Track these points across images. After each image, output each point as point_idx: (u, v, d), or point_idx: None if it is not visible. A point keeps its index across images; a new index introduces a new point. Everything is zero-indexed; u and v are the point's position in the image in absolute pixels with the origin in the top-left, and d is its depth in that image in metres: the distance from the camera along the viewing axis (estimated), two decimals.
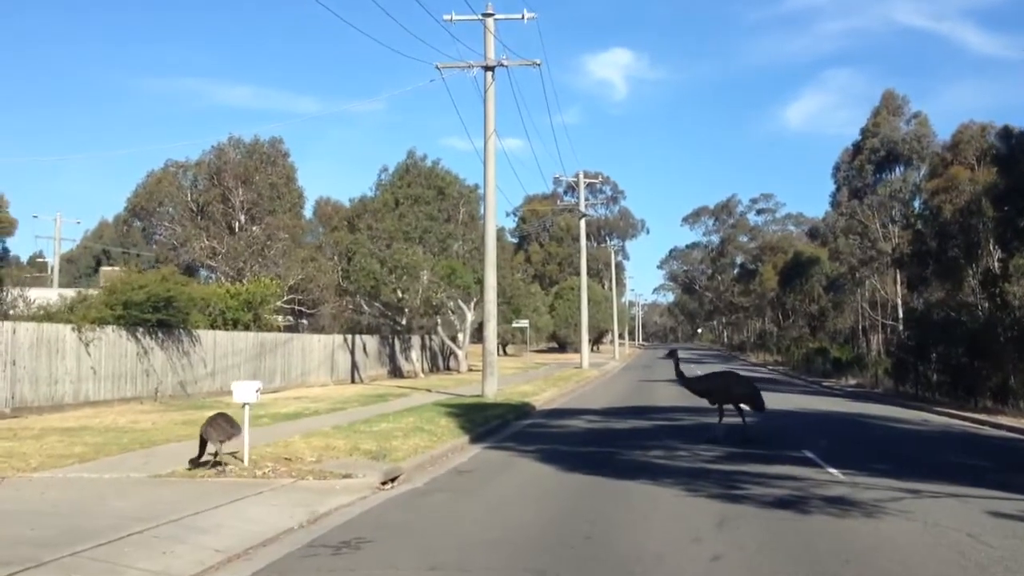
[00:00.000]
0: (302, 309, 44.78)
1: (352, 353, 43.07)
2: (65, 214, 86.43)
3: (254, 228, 43.80)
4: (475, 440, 19.32)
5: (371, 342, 46.08)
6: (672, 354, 21.36)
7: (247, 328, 33.98)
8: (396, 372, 48.11)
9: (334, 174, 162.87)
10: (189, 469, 13.56)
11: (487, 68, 30.91)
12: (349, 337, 43.67)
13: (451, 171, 51.97)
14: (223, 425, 13.89)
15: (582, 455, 16.87)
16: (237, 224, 44.07)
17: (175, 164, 45.31)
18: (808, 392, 41.34)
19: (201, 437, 13.80)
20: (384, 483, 13.66)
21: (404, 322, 48.90)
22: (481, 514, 11.27)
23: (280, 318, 45.12)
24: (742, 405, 19.51)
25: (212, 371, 30.44)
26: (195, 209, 44.73)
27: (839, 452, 17.23)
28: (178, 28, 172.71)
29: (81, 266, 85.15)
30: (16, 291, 25.39)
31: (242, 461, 14.09)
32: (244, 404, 14.47)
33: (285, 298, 42.25)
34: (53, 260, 63.22)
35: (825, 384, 49.32)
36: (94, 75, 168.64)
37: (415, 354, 49.93)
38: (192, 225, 43.79)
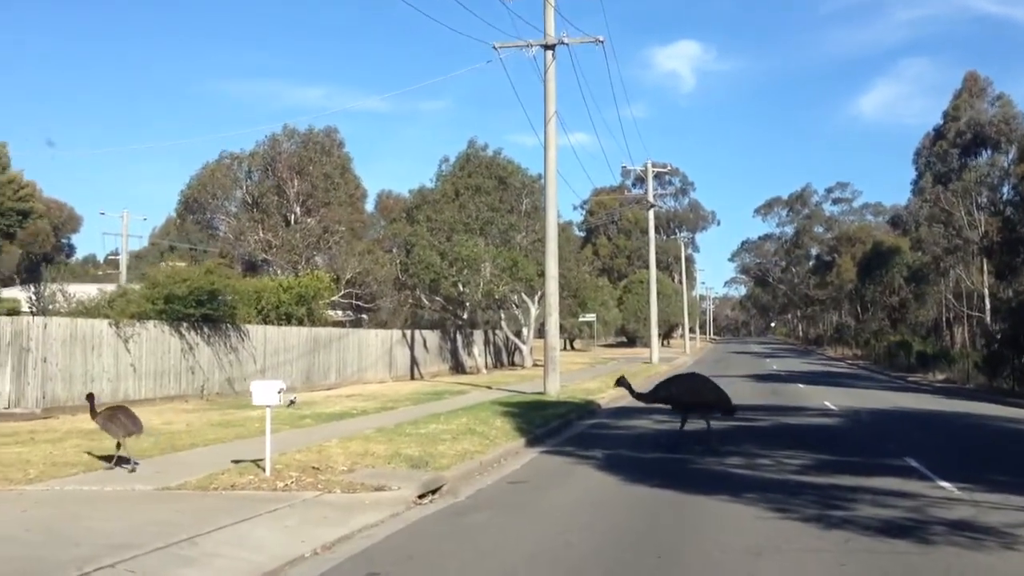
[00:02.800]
0: (360, 303, 43.38)
1: (411, 348, 41.55)
2: (134, 212, 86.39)
3: (309, 220, 42.52)
4: (532, 443, 17.53)
5: (431, 337, 44.54)
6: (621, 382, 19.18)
7: (300, 323, 32.61)
8: (458, 368, 46.52)
9: (400, 172, 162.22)
10: (108, 469, 12.83)
11: (547, 47, 29.07)
12: (408, 332, 42.17)
13: (513, 160, 50.16)
14: (123, 421, 12.95)
15: (650, 463, 14.96)
16: (292, 216, 42.84)
17: (230, 155, 44.24)
18: (894, 388, 38.78)
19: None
20: (422, 496, 11.94)
21: (465, 316, 47.25)
22: (527, 541, 9.44)
23: (340, 313, 43.85)
24: (705, 409, 17.52)
25: (262, 367, 29.07)
26: (250, 201, 43.62)
27: (947, 459, 15.06)
28: (248, 32, 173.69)
29: (148, 263, 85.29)
30: (55, 286, 24.18)
31: (263, 470, 12.48)
32: (266, 407, 12.80)
33: (342, 292, 40.90)
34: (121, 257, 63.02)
35: (911, 380, 46.55)
36: (171, 77, 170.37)
37: (477, 349, 48.26)
38: (247, 217, 42.66)
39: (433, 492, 12.31)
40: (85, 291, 26.35)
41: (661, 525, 10.13)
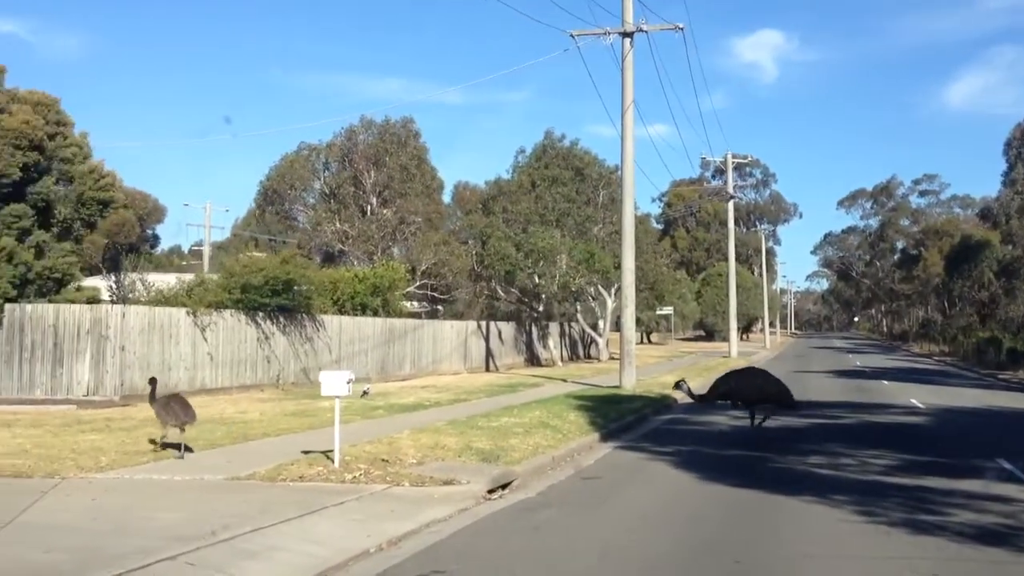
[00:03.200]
0: (436, 295, 43.33)
1: (486, 340, 41.37)
2: (217, 203, 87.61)
3: (385, 211, 42.56)
4: (606, 438, 17.13)
5: (507, 329, 44.30)
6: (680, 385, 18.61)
7: (375, 313, 32.63)
8: (533, 360, 46.23)
9: (479, 165, 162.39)
10: (154, 451, 13.19)
11: (625, 34, 28.53)
12: (483, 323, 41.98)
13: (590, 151, 49.63)
14: (176, 409, 13.07)
15: (727, 460, 14.48)
16: (369, 207, 42.95)
17: (308, 147, 44.51)
18: (983, 386, 37.39)
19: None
20: (492, 491, 11.65)
21: (541, 308, 46.92)
22: (598, 541, 9.08)
23: (415, 304, 43.88)
24: (766, 404, 16.90)
25: (337, 358, 29.13)
26: (327, 192, 43.85)
27: None
28: (325, 25, 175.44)
29: (229, 254, 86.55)
30: (134, 275, 24.47)
31: (332, 462, 12.32)
32: (335, 398, 12.63)
33: (418, 283, 40.87)
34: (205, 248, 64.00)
35: (1001, 377, 44.87)
36: (253, 70, 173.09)
37: (552, 341, 47.91)
38: (324, 208, 42.90)
39: (503, 487, 12.02)
40: (164, 280, 26.66)
41: (739, 526, 9.69)
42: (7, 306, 20.89)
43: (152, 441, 13.97)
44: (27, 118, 21.68)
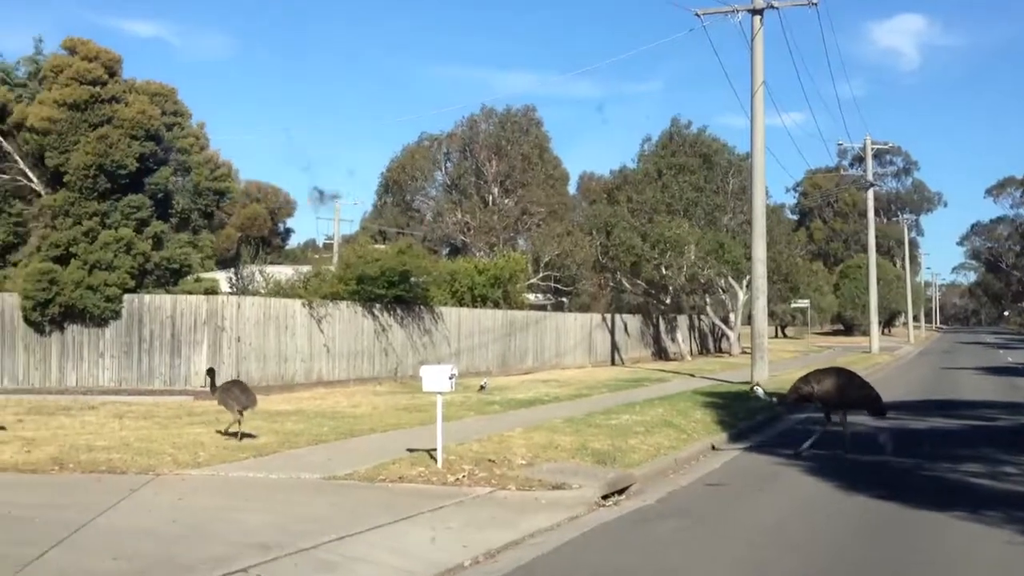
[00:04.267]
0: (559, 286, 42.43)
1: (611, 333, 40.26)
2: (347, 196, 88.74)
3: (507, 201, 41.87)
4: (734, 439, 15.92)
5: (632, 322, 43.07)
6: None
7: (496, 305, 31.94)
8: (660, 354, 44.87)
9: (604, 157, 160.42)
10: (223, 434, 13.29)
11: (754, 11, 27.04)
12: (608, 316, 40.90)
13: (718, 138, 47.91)
14: (236, 394, 13.24)
15: (870, 467, 13.10)
16: (490, 197, 42.32)
17: (429, 137, 44.18)
18: None
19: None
20: (606, 496, 10.67)
21: (668, 301, 45.50)
22: (722, 559, 7.99)
23: (539, 296, 43.13)
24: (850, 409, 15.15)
25: (456, 350, 28.54)
26: (449, 183, 43.43)
27: None
28: (449, 17, 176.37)
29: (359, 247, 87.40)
30: (253, 267, 24.34)
31: (435, 462, 11.53)
32: (437, 394, 11.84)
33: (541, 275, 40.05)
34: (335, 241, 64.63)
35: None
36: (380, 64, 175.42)
37: (681, 335, 46.43)
38: (446, 199, 42.49)
39: (619, 492, 11.03)
40: (282, 272, 26.53)
41: (885, 546, 8.44)
42: (126, 296, 20.93)
43: (219, 431, 13.86)
44: (143, 108, 21.66)
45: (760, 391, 17.93)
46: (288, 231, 74.52)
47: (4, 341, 20.73)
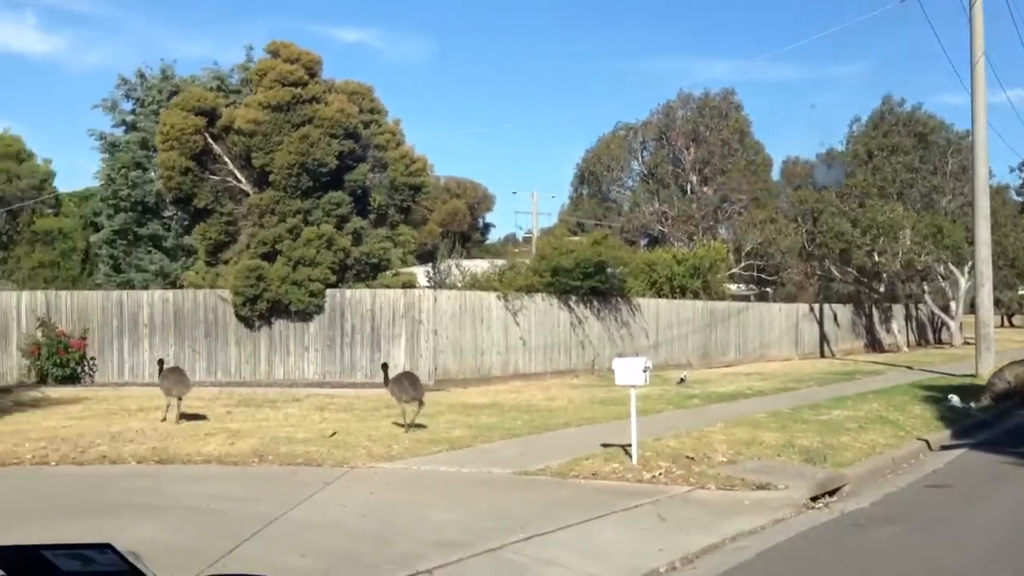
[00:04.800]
0: (762, 276, 40.92)
1: (820, 324, 38.47)
2: (543, 190, 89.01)
3: (706, 189, 40.70)
4: (958, 435, 14.65)
5: (843, 312, 41.02)
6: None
7: (696, 296, 31.03)
8: (874, 345, 42.56)
9: (810, 142, 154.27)
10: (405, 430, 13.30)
11: None
12: (815, 306, 39.11)
13: (934, 115, 44.98)
14: (405, 385, 13.51)
15: None
16: (688, 186, 41.25)
17: (624, 126, 43.52)
18: None
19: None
20: (815, 498, 9.88)
21: (882, 289, 43.09)
22: (946, 572, 7.13)
23: (741, 286, 41.81)
24: None
25: (654, 342, 27.86)
26: (646, 172, 42.64)
27: None
28: (646, 9, 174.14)
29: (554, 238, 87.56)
30: (450, 261, 24.51)
31: (630, 458, 11.02)
32: (630, 387, 11.34)
33: (743, 264, 38.72)
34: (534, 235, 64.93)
35: None
36: (576, 59, 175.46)
37: (896, 325, 43.91)
38: (642, 189, 41.74)
39: (829, 494, 10.23)
40: (479, 266, 26.60)
41: None
42: (328, 291, 21.42)
43: (397, 424, 13.85)
44: (342, 107, 22.09)
45: (955, 400, 16.61)
46: (487, 226, 75.55)
47: (217, 336, 21.64)
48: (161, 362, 15.80)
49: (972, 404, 17.35)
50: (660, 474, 10.46)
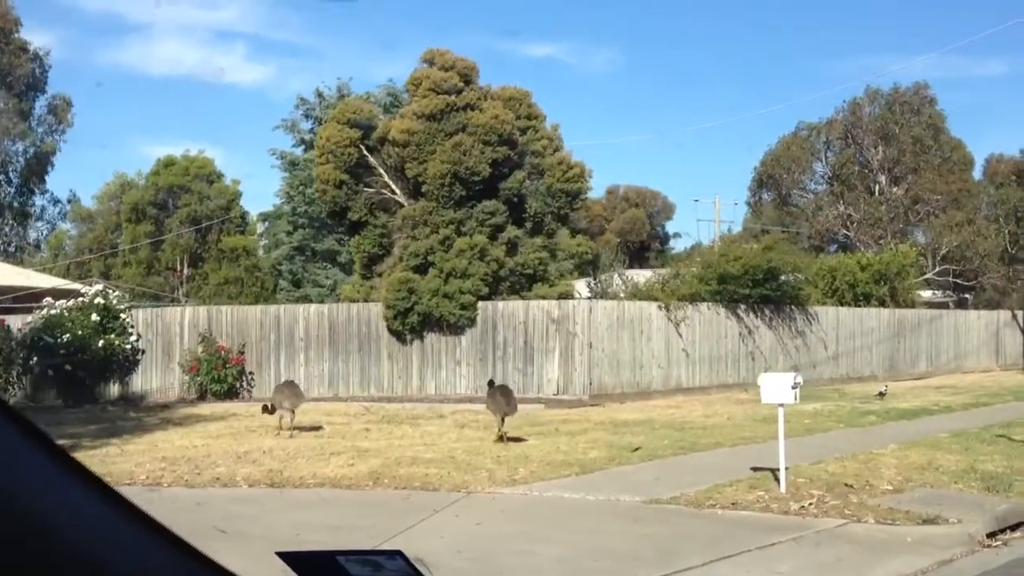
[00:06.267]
0: (959, 281, 37.97)
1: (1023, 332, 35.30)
2: (726, 197, 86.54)
3: (895, 189, 38.09)
4: None
5: None
6: None
7: (881, 304, 28.93)
8: None
9: (1019, 138, 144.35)
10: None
11: None
12: (1018, 313, 35.93)
13: None
14: (499, 399, 13.54)
15: None
16: (877, 187, 38.74)
17: (807, 126, 41.35)
18: None
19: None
20: (993, 534, 8.43)
21: None
22: None
23: (938, 293, 38.99)
24: None
25: (834, 354, 26.06)
26: (830, 174, 40.35)
27: None
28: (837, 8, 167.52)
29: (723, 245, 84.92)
30: (618, 271, 23.62)
31: (778, 484, 9.83)
32: (779, 405, 10.17)
33: (937, 269, 36.03)
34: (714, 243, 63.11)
35: None
36: (765, 61, 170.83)
37: None
38: (826, 191, 39.51)
39: (1012, 529, 8.75)
40: (643, 275, 25.56)
41: None
42: (479, 304, 20.87)
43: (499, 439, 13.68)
44: (496, 113, 21.57)
45: None
46: (667, 235, 74.04)
47: (371, 350, 21.45)
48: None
49: None
50: (810, 504, 9.25)
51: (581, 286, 25.63)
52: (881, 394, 20.77)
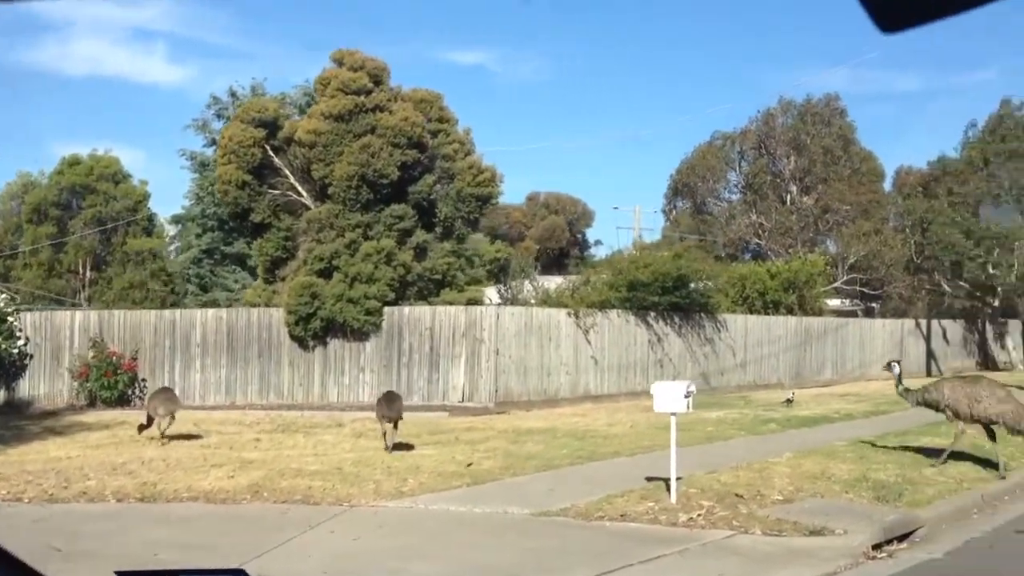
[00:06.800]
0: (865, 290, 38.66)
1: (927, 340, 36.09)
2: (647, 205, 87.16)
3: (805, 199, 38.67)
4: None
5: (953, 328, 38.50)
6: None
7: (790, 312, 29.23)
8: (987, 364, 39.72)
9: (929, 151, 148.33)
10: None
11: None
12: (922, 321, 36.73)
13: None
14: (383, 404, 13.46)
15: None
16: (788, 196, 39.27)
17: (721, 135, 41.80)
18: None
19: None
20: (879, 545, 8.37)
21: (997, 304, 40.29)
22: None
23: (846, 301, 39.64)
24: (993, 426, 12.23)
25: (742, 361, 26.22)
26: (744, 183, 40.80)
27: None
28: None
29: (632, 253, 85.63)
30: (521, 276, 23.41)
31: (669, 495, 9.68)
32: (672, 414, 10.03)
33: (844, 278, 36.63)
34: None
35: None
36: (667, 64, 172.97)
37: (1012, 342, 41.02)
38: (740, 200, 39.93)
39: (900, 539, 8.71)
40: (554, 282, 25.42)
41: None
42: (385, 309, 20.49)
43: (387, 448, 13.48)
44: (407, 115, 21.24)
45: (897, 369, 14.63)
46: (587, 242, 74.27)
47: (271, 356, 20.91)
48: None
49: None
50: (699, 515, 9.11)
51: (492, 292, 25.42)
52: (788, 401, 20.89)
